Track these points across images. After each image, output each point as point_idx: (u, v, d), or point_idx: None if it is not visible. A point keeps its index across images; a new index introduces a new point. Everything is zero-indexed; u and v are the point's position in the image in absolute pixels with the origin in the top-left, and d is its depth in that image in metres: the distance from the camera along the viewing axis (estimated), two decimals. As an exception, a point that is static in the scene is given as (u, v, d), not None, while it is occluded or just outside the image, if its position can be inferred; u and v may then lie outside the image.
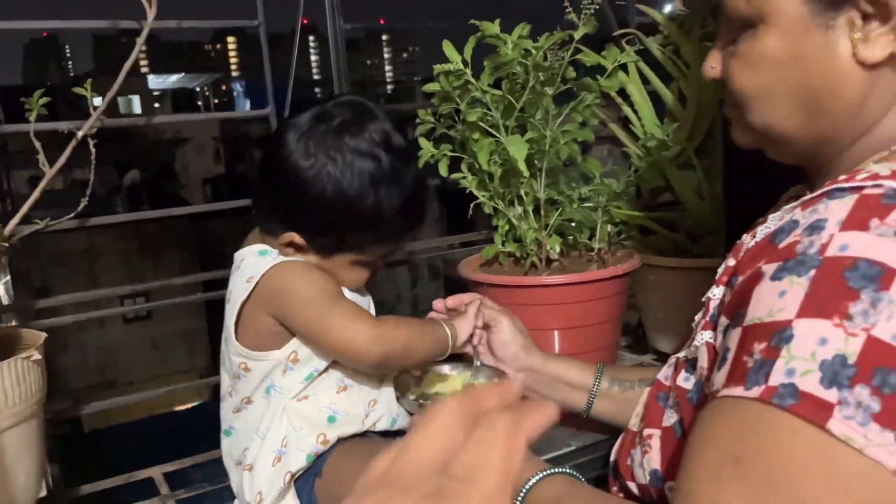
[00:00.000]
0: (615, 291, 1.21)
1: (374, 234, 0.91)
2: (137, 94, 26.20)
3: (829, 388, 0.48)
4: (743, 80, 0.66)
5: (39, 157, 0.90)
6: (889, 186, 0.54)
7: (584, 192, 1.25)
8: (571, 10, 1.09)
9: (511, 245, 1.27)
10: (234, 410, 0.92)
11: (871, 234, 0.51)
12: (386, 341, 0.89)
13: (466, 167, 1.26)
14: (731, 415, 0.52)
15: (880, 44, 0.58)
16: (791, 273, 0.52)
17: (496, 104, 1.15)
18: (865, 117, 0.62)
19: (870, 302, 0.48)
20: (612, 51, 1.19)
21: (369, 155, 0.87)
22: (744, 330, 0.54)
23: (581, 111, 1.22)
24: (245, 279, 0.89)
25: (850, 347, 0.48)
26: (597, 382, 1.02)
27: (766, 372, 0.50)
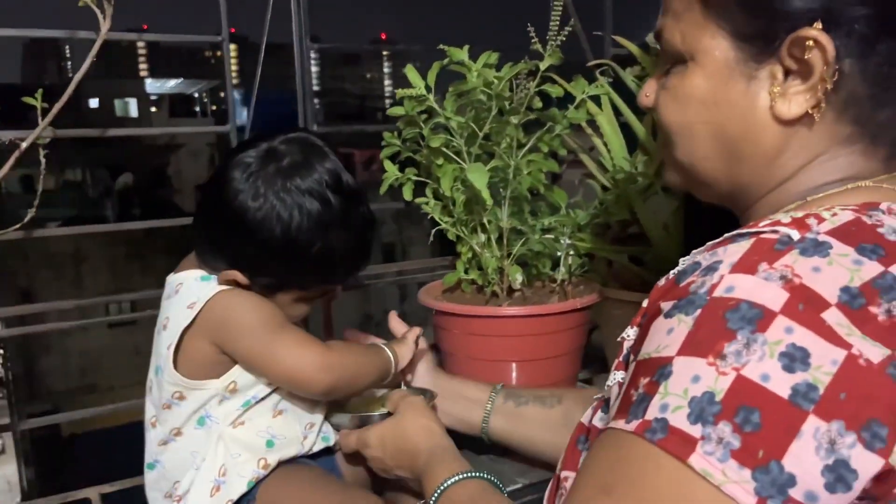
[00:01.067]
0: (575, 324, 1.19)
1: (320, 275, 0.91)
2: (134, 98, 26.18)
3: (695, 424, 0.49)
4: (669, 114, 0.66)
5: (-19, 165, 0.88)
6: (784, 233, 0.54)
7: (549, 223, 1.23)
8: (537, 41, 1.08)
9: (473, 273, 1.26)
10: (160, 443, 0.89)
11: (758, 277, 0.51)
12: (336, 369, 0.88)
13: (431, 192, 1.25)
14: (609, 445, 0.54)
15: (797, 101, 0.59)
16: (681, 311, 0.53)
17: (461, 131, 1.14)
18: (781, 169, 0.62)
19: (744, 343, 0.49)
20: (579, 82, 1.18)
21: (319, 197, 0.86)
22: (636, 365, 0.55)
23: (548, 141, 1.20)
24: (186, 305, 0.86)
25: (719, 385, 0.49)
26: (492, 397, 1.04)
27: (645, 406, 0.51)
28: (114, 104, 24.95)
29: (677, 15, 0.64)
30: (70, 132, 1.04)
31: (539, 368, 1.18)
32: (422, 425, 0.90)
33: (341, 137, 0.86)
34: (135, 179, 19.92)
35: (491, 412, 1.04)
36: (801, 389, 0.47)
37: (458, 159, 1.16)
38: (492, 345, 1.17)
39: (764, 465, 0.47)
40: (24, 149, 0.91)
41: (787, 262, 0.52)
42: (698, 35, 0.62)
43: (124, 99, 25.82)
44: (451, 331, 1.20)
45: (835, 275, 0.51)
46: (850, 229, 0.54)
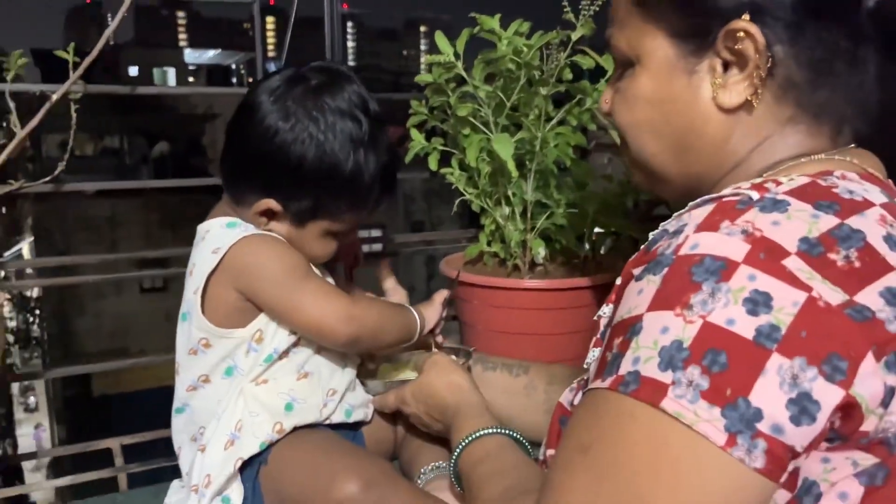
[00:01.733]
0: (596, 300, 1.18)
1: (350, 199, 0.88)
2: (173, 67, 26.45)
3: (665, 371, 0.51)
4: (621, 115, 0.70)
5: (11, 117, 0.89)
6: (745, 193, 0.57)
7: (574, 198, 1.22)
8: (570, 11, 1.06)
9: (496, 245, 1.25)
10: (190, 388, 0.90)
11: (720, 233, 0.54)
12: (358, 321, 0.88)
13: (457, 163, 1.24)
14: (587, 406, 0.56)
15: (736, 90, 0.62)
16: (649, 272, 0.55)
17: (488, 100, 1.13)
18: (731, 154, 0.65)
19: (709, 292, 0.51)
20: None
21: (350, 116, 0.85)
22: (611, 330, 0.58)
23: (577, 115, 1.19)
24: (211, 250, 0.86)
25: (687, 333, 0.51)
26: (463, 360, 1.05)
27: (619, 363, 0.54)
28: (152, 73, 25.24)
29: (621, 22, 0.68)
30: (101, 88, 1.05)
31: (558, 343, 1.18)
32: (448, 382, 0.93)
33: None
34: (171, 147, 20.16)
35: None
36: (764, 330, 0.49)
37: (484, 129, 1.15)
38: (512, 317, 1.16)
39: (732, 402, 0.49)
40: (54, 101, 0.92)
41: (747, 218, 0.54)
42: (640, 38, 0.66)
43: (163, 68, 26.09)
44: (471, 302, 1.20)
45: (793, 227, 0.53)
46: (807, 189, 0.57)
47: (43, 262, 1.17)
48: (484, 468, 0.77)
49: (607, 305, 0.67)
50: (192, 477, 0.87)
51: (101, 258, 1.28)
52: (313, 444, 0.87)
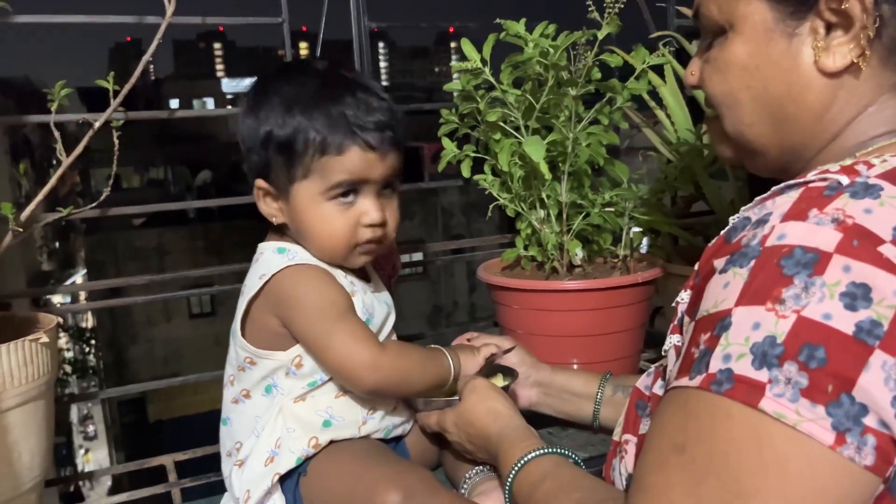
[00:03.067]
0: (637, 299, 1.17)
1: (304, 148, 0.85)
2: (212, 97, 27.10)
3: (760, 369, 0.49)
4: (714, 85, 0.67)
5: (57, 147, 0.93)
6: (833, 179, 0.54)
7: (610, 197, 1.21)
8: (595, 10, 1.06)
9: (533, 249, 1.25)
10: (233, 401, 0.92)
11: (809, 222, 0.52)
12: (385, 370, 0.85)
13: (489, 168, 1.24)
14: (677, 404, 0.54)
15: (840, 53, 0.59)
16: (734, 265, 0.53)
17: (518, 104, 1.13)
18: (830, 124, 0.62)
19: (802, 286, 0.49)
20: (640, 51, 1.15)
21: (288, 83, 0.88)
22: (695, 324, 0.56)
23: (608, 114, 1.18)
24: (258, 275, 0.88)
25: (780, 328, 0.49)
26: (601, 390, 1.02)
27: (707, 360, 0.51)
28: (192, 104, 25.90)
29: None
30: (140, 114, 1.09)
31: (601, 344, 1.17)
32: (486, 409, 0.88)
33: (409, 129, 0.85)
34: (213, 176, 20.59)
35: (601, 405, 1.02)
36: (864, 326, 0.47)
37: (515, 133, 1.15)
38: (553, 320, 1.16)
39: (835, 398, 0.47)
40: (97, 128, 0.96)
41: (837, 206, 0.52)
42: (734, 3, 0.63)
43: (202, 99, 26.74)
44: (510, 306, 1.20)
45: (887, 215, 0.51)
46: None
47: (94, 284, 1.21)
48: (546, 486, 0.74)
49: (685, 291, 0.64)
50: (232, 490, 0.89)
51: (149, 279, 1.32)
52: (353, 454, 0.87)
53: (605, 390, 1.02)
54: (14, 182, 10.89)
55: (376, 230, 0.89)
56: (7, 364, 0.83)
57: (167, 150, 19.75)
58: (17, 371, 0.84)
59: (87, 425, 16.18)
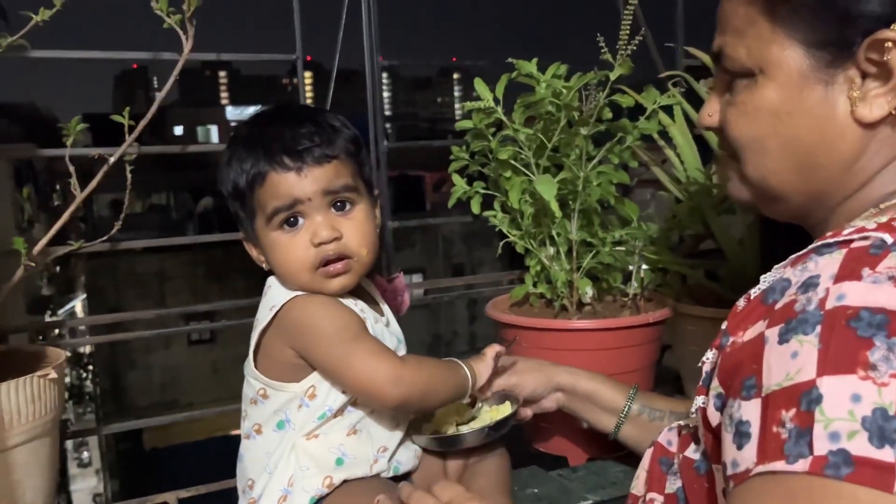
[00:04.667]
0: (647, 339, 1.16)
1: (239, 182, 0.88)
2: (215, 124, 27.31)
3: (882, 447, 0.45)
4: (740, 128, 0.65)
5: (72, 181, 0.93)
6: (876, 237, 0.53)
7: (620, 235, 1.21)
8: (607, 51, 1.07)
9: (542, 286, 1.24)
10: (245, 436, 0.91)
11: (865, 282, 0.50)
12: (407, 383, 0.86)
13: (499, 205, 1.25)
14: (778, 493, 0.49)
15: (878, 103, 0.58)
16: (797, 333, 0.50)
17: (528, 143, 1.14)
18: (858, 174, 0.61)
19: (886, 348, 0.47)
20: (651, 92, 1.16)
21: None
22: (763, 400, 0.51)
23: (618, 153, 1.19)
24: (269, 306, 0.88)
25: (886, 398, 0.46)
26: (628, 405, 1.02)
27: (808, 440, 0.47)
28: (196, 131, 26.08)
29: (739, 31, 0.64)
30: (154, 149, 1.09)
31: (610, 384, 1.16)
32: None
33: (411, 158, 0.87)
34: (215, 203, 20.65)
35: (625, 422, 1.02)
36: None
37: (526, 171, 1.15)
38: (562, 359, 1.14)
39: None
40: (111, 163, 0.96)
41: (889, 265, 0.50)
42: (766, 48, 0.62)
43: (206, 126, 26.95)
44: (519, 345, 1.19)
45: None
46: None
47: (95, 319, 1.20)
48: None
49: (710, 351, 0.62)
50: None
51: (149, 314, 1.31)
52: (365, 492, 0.87)
53: (633, 407, 1.01)
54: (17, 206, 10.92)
55: (328, 247, 0.87)
56: (14, 400, 0.82)
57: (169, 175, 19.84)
58: (24, 408, 0.83)
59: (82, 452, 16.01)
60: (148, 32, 6.94)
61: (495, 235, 1.27)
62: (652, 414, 1.01)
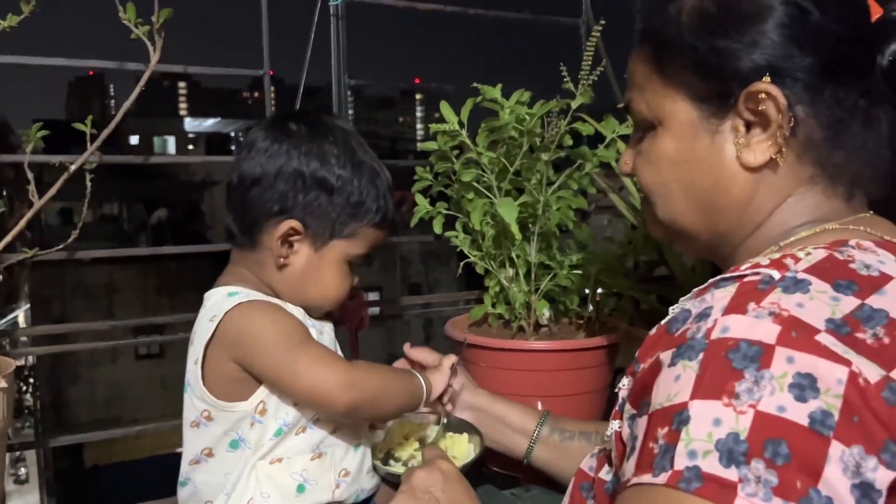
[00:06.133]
0: (601, 362, 1.19)
1: (358, 211, 0.90)
2: (173, 135, 26.90)
3: (729, 467, 0.49)
4: (646, 176, 0.72)
5: (30, 188, 0.92)
6: (766, 273, 0.57)
7: (577, 259, 1.24)
8: (569, 81, 1.10)
9: (501, 307, 1.26)
10: (193, 462, 0.88)
11: (749, 315, 0.54)
12: (359, 388, 0.85)
13: (461, 226, 1.27)
14: (641, 502, 0.53)
15: (760, 150, 0.63)
16: (683, 357, 0.54)
17: (491, 166, 1.16)
18: (755, 213, 0.66)
19: (753, 380, 0.51)
20: (610, 121, 1.20)
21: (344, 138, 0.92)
22: (649, 418, 0.56)
23: (577, 179, 1.22)
24: (208, 318, 0.86)
25: (741, 424, 0.50)
26: (538, 428, 1.03)
27: (671, 456, 0.51)
28: (153, 141, 25.64)
29: (640, 87, 0.70)
30: (116, 158, 1.08)
31: (564, 405, 1.17)
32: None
33: None
34: (169, 214, 20.29)
35: (536, 443, 1.03)
36: (817, 417, 0.49)
37: (488, 194, 1.18)
38: (518, 379, 1.17)
39: (805, 495, 0.47)
40: (73, 171, 0.95)
41: (772, 300, 0.54)
42: (661, 102, 0.68)
43: (163, 137, 26.51)
44: (477, 364, 1.20)
45: (817, 308, 0.53)
46: (825, 266, 0.57)
47: (39, 330, 1.16)
48: None
49: (626, 377, 0.66)
50: None
51: (97, 325, 1.28)
52: None
53: (543, 430, 1.03)
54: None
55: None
56: (-38, 410, 0.80)
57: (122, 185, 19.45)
58: (-29, 417, 0.81)
59: (19, 468, 15.39)
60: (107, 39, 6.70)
61: (453, 256, 1.29)
62: (563, 435, 1.04)
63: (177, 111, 69.53)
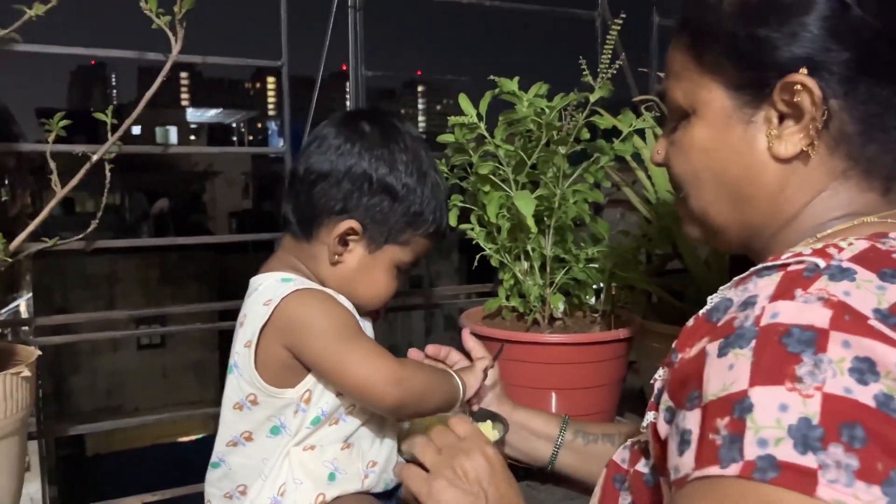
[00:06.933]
0: (615, 355, 1.19)
1: (418, 220, 0.92)
2: (175, 126, 26.86)
3: (805, 454, 0.48)
4: (677, 165, 0.72)
5: (52, 177, 0.92)
6: (811, 262, 0.57)
7: (592, 253, 1.24)
8: (588, 74, 1.10)
9: (515, 300, 1.27)
10: (230, 443, 0.88)
11: (797, 301, 0.53)
12: (406, 385, 0.85)
13: (476, 219, 1.27)
14: (712, 496, 0.51)
15: (792, 141, 0.64)
16: (733, 346, 0.54)
17: (508, 159, 1.16)
18: (786, 205, 0.66)
19: (813, 363, 0.50)
20: (627, 115, 1.19)
21: (414, 146, 0.92)
22: (703, 409, 0.54)
23: (593, 172, 1.22)
24: (263, 302, 0.86)
25: (810, 409, 0.49)
26: (561, 433, 1.03)
27: (740, 446, 0.50)
28: (155, 132, 25.60)
29: (677, 75, 0.70)
30: (136, 148, 1.08)
31: (579, 398, 1.18)
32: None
33: None
34: (171, 205, 20.30)
35: (560, 448, 1.03)
36: (881, 399, 0.49)
37: (504, 186, 1.18)
38: (533, 372, 1.17)
39: (886, 477, 0.47)
40: (94, 161, 0.95)
41: (819, 286, 0.54)
42: (697, 90, 0.68)
43: (165, 127, 26.48)
44: (492, 356, 1.21)
45: (864, 297, 0.53)
46: (869, 255, 0.57)
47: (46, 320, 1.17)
48: None
49: (662, 368, 0.66)
50: None
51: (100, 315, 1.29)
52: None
53: (566, 434, 1.03)
54: (-36, 201, 10.56)
55: None
56: (-13, 397, 0.81)
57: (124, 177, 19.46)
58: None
59: (20, 457, 15.41)
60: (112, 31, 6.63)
61: (454, 249, 1.29)
62: (586, 438, 1.03)
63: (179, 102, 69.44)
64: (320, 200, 0.89)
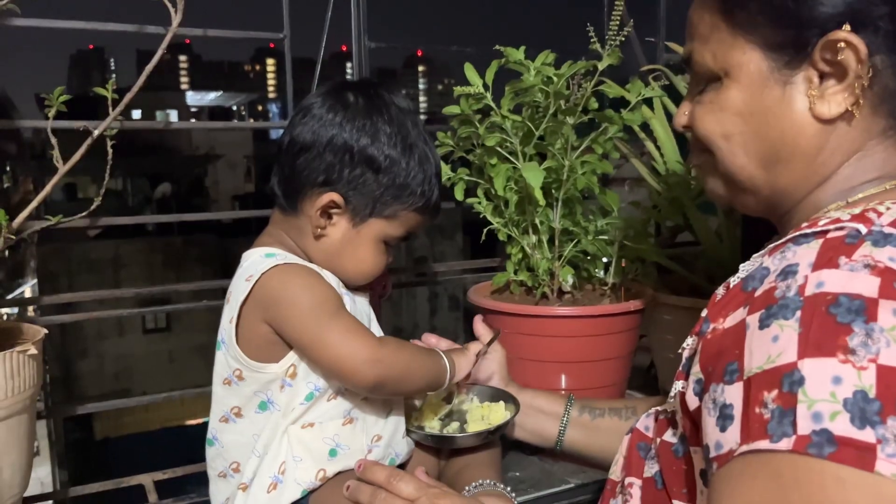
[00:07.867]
0: (626, 328, 1.18)
1: (404, 193, 0.90)
2: (175, 109, 26.80)
3: (864, 428, 0.46)
4: (707, 126, 0.69)
5: (54, 153, 0.90)
6: (851, 227, 0.55)
7: (601, 225, 1.23)
8: (596, 41, 1.08)
9: (523, 274, 1.25)
10: (222, 419, 0.89)
11: (843, 270, 0.52)
12: (385, 364, 0.84)
13: (482, 192, 1.25)
14: (763, 472, 0.50)
15: (835, 101, 0.61)
16: (777, 318, 0.52)
17: (515, 130, 1.14)
18: (821, 168, 0.64)
19: (864, 333, 0.49)
20: (636, 84, 1.17)
21: (400, 117, 0.90)
22: (745, 383, 0.53)
23: (602, 143, 1.20)
24: (245, 277, 0.85)
25: (865, 381, 0.47)
26: (567, 410, 1.03)
27: (792, 420, 0.48)
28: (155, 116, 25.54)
29: (704, 37, 0.68)
30: (136, 124, 1.07)
31: (589, 371, 1.17)
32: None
33: None
34: (173, 189, 20.29)
35: (567, 425, 1.03)
36: None
37: (511, 159, 1.16)
38: (542, 345, 1.16)
39: None
40: (95, 136, 0.93)
41: (864, 253, 0.52)
42: (729, 52, 0.65)
43: (165, 110, 26.41)
44: (501, 330, 1.20)
45: None
46: None
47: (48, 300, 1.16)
48: None
49: (691, 337, 0.64)
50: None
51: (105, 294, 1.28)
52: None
53: (572, 411, 1.03)
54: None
55: None
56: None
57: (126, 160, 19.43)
58: (3, 383, 0.81)
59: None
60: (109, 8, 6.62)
61: (458, 229, 1.27)
62: (592, 413, 1.03)
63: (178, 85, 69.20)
64: (303, 172, 0.88)
